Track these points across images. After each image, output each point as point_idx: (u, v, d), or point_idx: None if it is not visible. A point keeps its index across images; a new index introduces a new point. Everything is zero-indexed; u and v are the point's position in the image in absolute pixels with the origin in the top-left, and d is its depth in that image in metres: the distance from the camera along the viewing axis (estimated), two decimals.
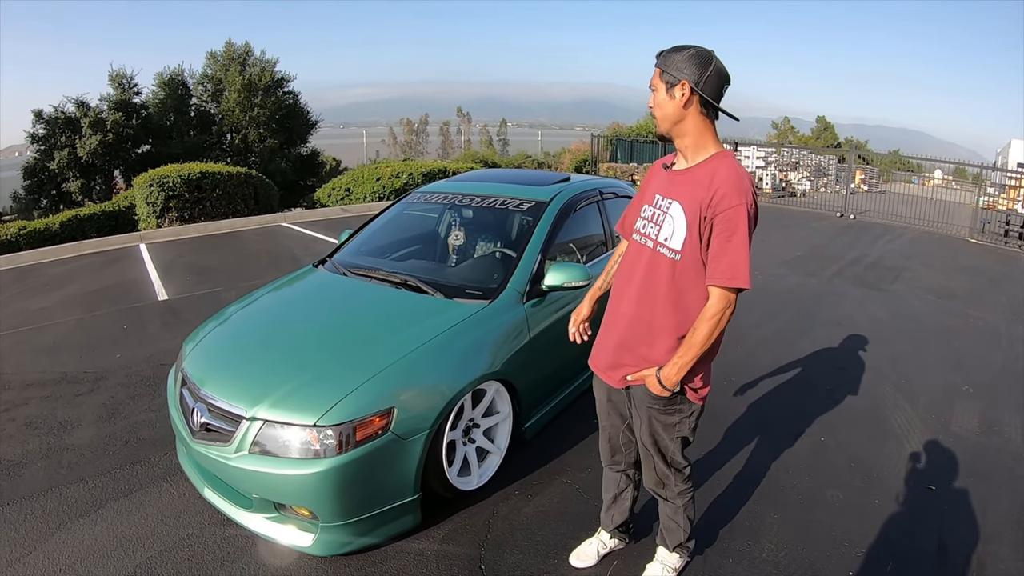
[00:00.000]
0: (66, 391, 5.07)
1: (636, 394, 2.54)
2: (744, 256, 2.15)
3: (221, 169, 14.33)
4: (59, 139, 25.40)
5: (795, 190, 19.98)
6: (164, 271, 9.29)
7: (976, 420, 4.50)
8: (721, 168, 2.23)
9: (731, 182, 2.17)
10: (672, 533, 2.77)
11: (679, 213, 2.28)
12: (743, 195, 2.15)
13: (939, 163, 18.47)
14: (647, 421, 2.53)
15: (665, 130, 2.34)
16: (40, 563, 3.10)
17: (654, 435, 2.55)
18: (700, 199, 2.21)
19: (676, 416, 2.48)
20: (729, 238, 2.16)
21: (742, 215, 2.14)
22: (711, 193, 2.18)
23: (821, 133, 50.15)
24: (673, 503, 2.69)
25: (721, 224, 2.17)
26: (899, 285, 8.36)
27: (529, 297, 3.76)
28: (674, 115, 2.27)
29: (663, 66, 2.26)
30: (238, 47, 30.39)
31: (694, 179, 2.28)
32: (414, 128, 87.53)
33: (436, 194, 4.92)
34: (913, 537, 3.25)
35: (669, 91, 2.25)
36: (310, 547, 2.93)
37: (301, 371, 3.11)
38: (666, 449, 2.57)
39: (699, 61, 2.20)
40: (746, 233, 2.15)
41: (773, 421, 4.41)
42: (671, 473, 2.62)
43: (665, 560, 2.85)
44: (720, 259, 2.19)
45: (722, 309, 2.22)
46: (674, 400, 2.44)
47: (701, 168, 2.29)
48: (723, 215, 2.16)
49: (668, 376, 2.33)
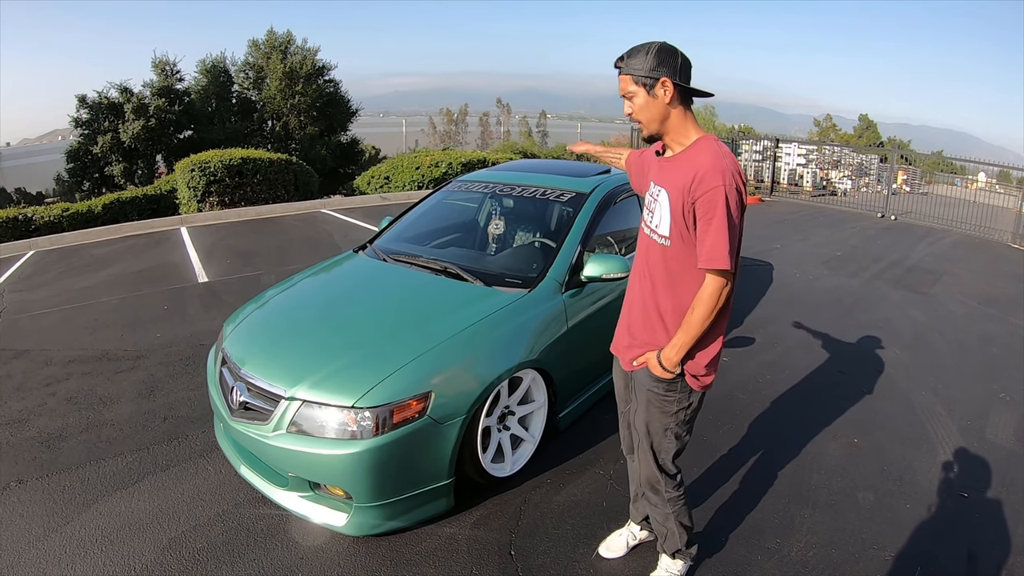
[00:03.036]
0: (107, 368, 5.18)
1: (638, 377, 2.56)
2: (723, 238, 2.17)
3: (262, 155, 14.50)
4: (102, 124, 25.66)
5: (836, 189, 19.68)
6: (205, 254, 9.44)
7: (1012, 429, 4.41)
8: (701, 153, 2.26)
9: (709, 164, 2.19)
10: (668, 540, 2.75)
11: (665, 200, 2.34)
12: (721, 176, 2.17)
13: (983, 165, 18.09)
14: (644, 405, 2.55)
15: (655, 131, 2.36)
16: (77, 533, 3.19)
17: (648, 423, 2.56)
18: (682, 185, 2.25)
19: (674, 404, 2.49)
20: (710, 220, 2.19)
21: (720, 196, 2.16)
22: (691, 178, 2.22)
23: (863, 132, 49.30)
24: (663, 510, 2.68)
25: (702, 207, 2.20)
26: (939, 289, 8.21)
27: (568, 287, 3.77)
28: (661, 114, 2.30)
29: (634, 71, 2.28)
30: (280, 35, 30.58)
31: (678, 166, 2.32)
32: (454, 118, 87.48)
33: (477, 183, 4.95)
34: (943, 544, 3.20)
35: (650, 92, 2.27)
36: (343, 527, 2.98)
37: (341, 353, 3.15)
38: (659, 447, 2.58)
39: (668, 55, 2.24)
40: (725, 214, 2.17)
41: (808, 421, 4.37)
42: (662, 478, 2.62)
43: (669, 568, 2.81)
44: (704, 242, 2.22)
45: (717, 291, 2.25)
46: (674, 385, 2.46)
47: (684, 154, 2.33)
48: (703, 198, 2.19)
49: (668, 357, 2.38)
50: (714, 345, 2.44)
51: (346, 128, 33.25)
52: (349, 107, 32.89)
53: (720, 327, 2.41)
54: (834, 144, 27.53)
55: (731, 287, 2.28)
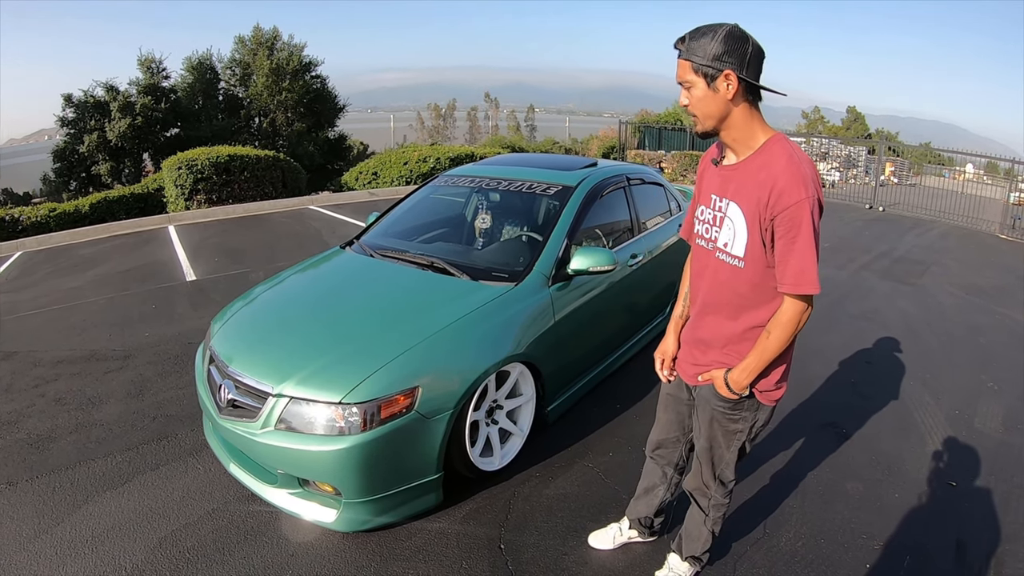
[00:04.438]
0: (95, 368, 5.16)
1: (703, 393, 2.39)
2: (811, 258, 1.96)
3: (249, 152, 14.48)
4: (88, 123, 25.57)
5: (824, 181, 19.78)
6: (192, 252, 9.40)
7: (1000, 418, 4.44)
8: (776, 159, 1.99)
9: (788, 174, 1.94)
10: (692, 542, 2.66)
11: (738, 215, 2.09)
12: (803, 187, 1.92)
13: (970, 157, 18.16)
14: (708, 423, 2.40)
15: (711, 127, 2.06)
16: (68, 534, 3.18)
17: (711, 440, 2.41)
18: (758, 198, 2.00)
19: (740, 423, 2.34)
20: (794, 239, 1.96)
21: (805, 211, 1.92)
22: (768, 190, 1.97)
23: (851, 124, 49.52)
24: (704, 513, 2.57)
25: (784, 224, 1.96)
26: (927, 280, 8.25)
27: (555, 281, 3.76)
28: (721, 111, 2.01)
29: (694, 57, 1.95)
30: (266, 32, 30.47)
31: (748, 175, 2.06)
32: (442, 113, 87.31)
33: (463, 177, 4.94)
34: (932, 533, 3.23)
35: (711, 85, 1.96)
36: (333, 523, 2.97)
37: (328, 349, 3.14)
38: (720, 460, 2.44)
39: (737, 43, 1.92)
40: (811, 231, 1.94)
41: (797, 412, 4.39)
42: (714, 484, 2.50)
43: (675, 568, 2.74)
44: (787, 263, 1.99)
45: (797, 315, 2.06)
46: (741, 403, 2.29)
47: (754, 161, 2.06)
48: (784, 214, 1.94)
49: (737, 380, 2.20)
50: (785, 360, 2.29)
51: (333, 124, 33.20)
52: (336, 103, 32.83)
53: (792, 346, 2.23)
54: (822, 136, 27.60)
55: (811, 310, 2.10)
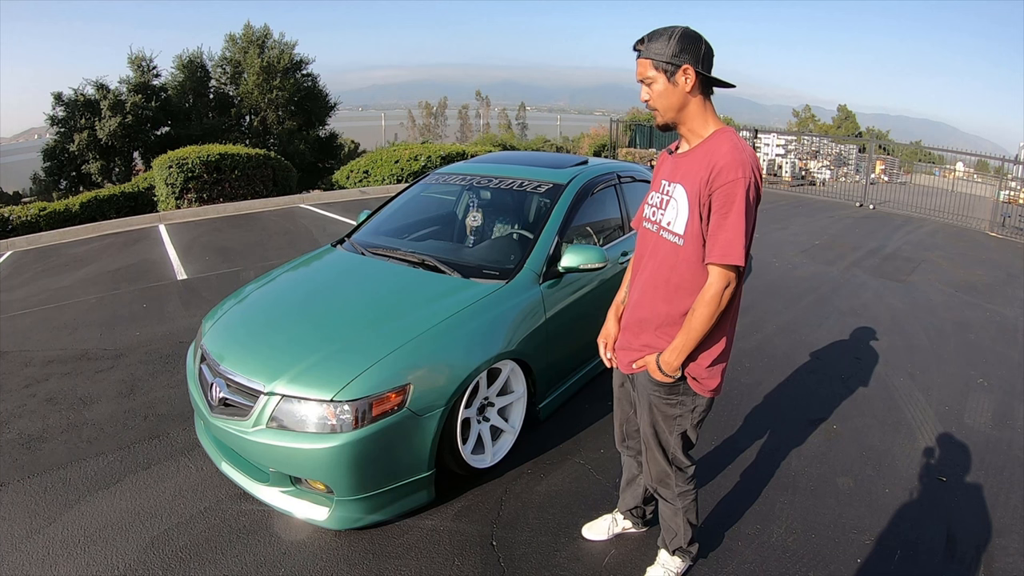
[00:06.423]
0: (86, 367, 5.14)
1: (639, 380, 2.48)
2: (740, 232, 2.08)
3: (240, 151, 14.42)
4: (79, 121, 25.36)
5: (815, 179, 19.85)
6: (183, 251, 9.37)
7: (990, 413, 4.48)
8: (721, 144, 2.15)
9: (728, 157, 2.09)
10: (672, 536, 2.69)
11: (682, 195, 2.22)
12: (741, 168, 2.07)
13: (960, 155, 18.28)
14: (648, 409, 2.47)
15: (670, 119, 2.25)
16: (60, 534, 3.17)
17: (654, 424, 2.48)
18: (700, 178, 2.15)
19: (677, 408, 2.41)
20: (727, 214, 2.09)
21: (740, 189, 2.07)
22: (709, 170, 2.12)
23: (842, 122, 49.64)
24: (673, 504, 2.61)
25: (719, 199, 2.10)
26: (917, 276, 8.30)
27: (546, 278, 3.77)
28: (679, 102, 2.19)
29: (655, 56, 2.15)
30: (257, 30, 30.34)
31: (696, 159, 2.21)
32: (433, 111, 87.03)
33: (454, 175, 4.95)
34: (922, 527, 3.24)
35: (671, 79, 2.15)
36: (325, 521, 2.98)
37: (319, 347, 3.14)
38: (667, 444, 2.50)
39: (691, 42, 2.12)
40: (743, 209, 2.08)
41: (787, 408, 4.41)
42: (672, 471, 2.54)
43: (666, 564, 2.76)
44: (717, 235, 2.11)
45: (720, 289, 2.14)
46: (676, 389, 2.37)
47: (702, 147, 2.22)
48: (721, 190, 2.09)
49: (667, 361, 2.28)
50: (718, 346, 2.32)
51: (324, 123, 33.06)
52: (327, 101, 32.72)
53: (724, 327, 2.30)
54: (813, 134, 27.69)
55: (736, 287, 2.18)
